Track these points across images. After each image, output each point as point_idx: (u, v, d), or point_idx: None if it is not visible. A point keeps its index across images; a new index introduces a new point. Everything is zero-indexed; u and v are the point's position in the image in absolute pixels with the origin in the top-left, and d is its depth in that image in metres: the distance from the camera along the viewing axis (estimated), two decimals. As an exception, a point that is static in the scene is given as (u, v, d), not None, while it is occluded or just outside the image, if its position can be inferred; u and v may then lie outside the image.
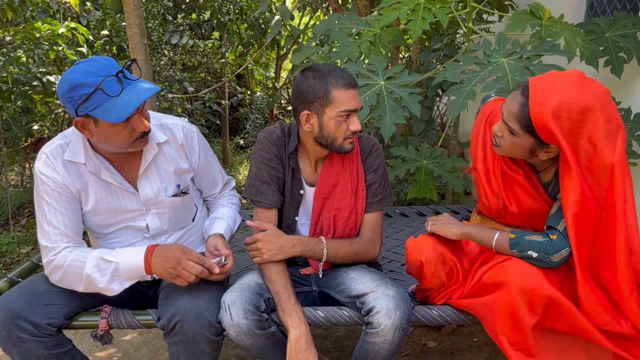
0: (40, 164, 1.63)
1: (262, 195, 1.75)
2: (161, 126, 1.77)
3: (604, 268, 1.48)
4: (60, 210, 1.62)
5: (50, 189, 1.61)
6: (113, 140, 1.57)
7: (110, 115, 1.49)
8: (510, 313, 1.46)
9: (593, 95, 1.37)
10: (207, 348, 1.57)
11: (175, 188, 1.79)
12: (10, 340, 1.54)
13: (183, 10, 5.54)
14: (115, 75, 1.50)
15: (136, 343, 2.50)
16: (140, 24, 2.85)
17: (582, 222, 1.43)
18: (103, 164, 1.66)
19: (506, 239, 1.55)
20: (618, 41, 2.44)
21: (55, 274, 1.61)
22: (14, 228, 4.07)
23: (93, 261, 1.58)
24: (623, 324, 1.45)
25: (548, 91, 1.38)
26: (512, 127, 1.46)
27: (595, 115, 1.36)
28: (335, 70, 1.62)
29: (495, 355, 2.32)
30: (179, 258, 1.56)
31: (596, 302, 1.45)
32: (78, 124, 1.55)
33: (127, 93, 1.51)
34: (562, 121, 1.36)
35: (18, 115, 4.09)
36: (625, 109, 2.39)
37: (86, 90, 1.47)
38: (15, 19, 3.89)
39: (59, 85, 1.51)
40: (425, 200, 3.21)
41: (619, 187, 1.39)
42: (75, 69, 1.50)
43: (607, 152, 1.38)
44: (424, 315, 1.69)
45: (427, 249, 1.65)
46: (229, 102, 5.91)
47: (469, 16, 2.58)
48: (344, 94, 1.60)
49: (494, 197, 1.66)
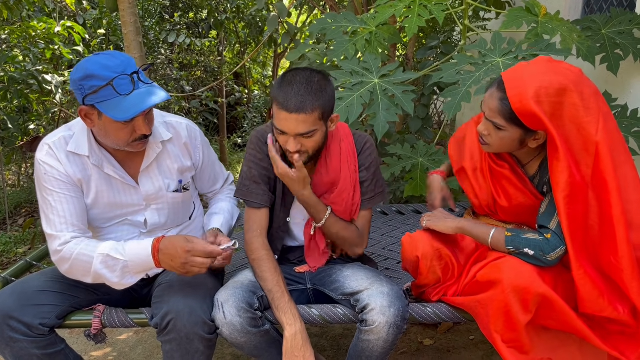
0: (43, 154, 1.62)
1: (252, 195, 1.74)
2: (165, 124, 1.77)
3: (603, 250, 1.47)
4: (66, 198, 1.61)
5: (54, 178, 1.61)
6: (112, 136, 1.58)
7: (115, 112, 1.50)
8: (504, 311, 1.45)
9: (564, 77, 1.41)
10: (201, 346, 1.57)
11: (177, 184, 1.80)
12: (2, 341, 1.53)
13: (180, 9, 5.53)
14: (130, 75, 1.52)
15: (132, 342, 2.49)
16: (136, 22, 2.85)
17: (573, 204, 1.44)
18: (106, 158, 1.67)
19: (502, 236, 1.55)
20: (614, 38, 2.44)
21: (63, 265, 1.60)
22: (11, 228, 4.06)
23: (100, 257, 1.56)
24: (620, 310, 1.44)
25: (522, 80, 1.42)
26: (497, 123, 1.48)
27: (572, 96, 1.40)
28: (293, 86, 1.53)
29: (491, 353, 2.32)
30: (185, 258, 1.52)
31: (592, 287, 1.44)
32: (82, 111, 1.56)
33: (137, 95, 1.52)
34: (544, 105, 1.40)
35: (14, 115, 4.08)
36: (621, 106, 2.38)
37: (98, 82, 1.49)
38: (11, 17, 3.87)
39: (74, 70, 1.53)
40: (421, 198, 3.20)
41: (607, 163, 1.41)
42: (93, 59, 1.52)
43: (590, 130, 1.42)
44: (418, 312, 1.69)
45: (423, 245, 1.65)
46: (226, 101, 5.90)
47: (465, 13, 2.58)
48: (283, 114, 1.54)
49: (483, 193, 1.68)
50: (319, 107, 1.55)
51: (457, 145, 1.76)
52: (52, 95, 3.76)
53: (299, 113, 1.52)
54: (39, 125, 4.20)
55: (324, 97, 1.56)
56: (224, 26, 5.44)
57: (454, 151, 1.76)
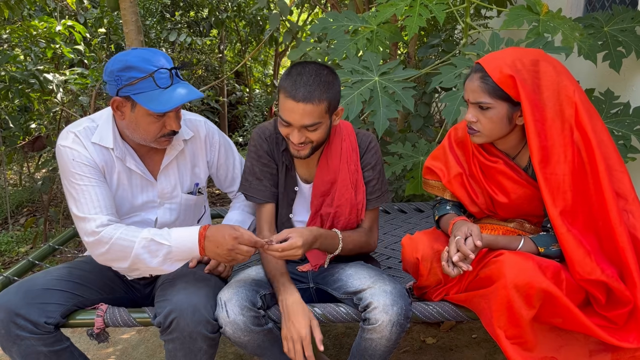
0: (69, 142, 1.62)
1: (254, 190, 1.77)
2: (185, 121, 1.79)
3: (595, 211, 1.51)
4: (97, 183, 1.62)
5: (83, 163, 1.61)
6: (143, 129, 1.61)
7: (153, 104, 1.54)
8: (507, 306, 1.45)
9: (532, 52, 1.55)
10: (204, 345, 1.57)
11: (194, 186, 1.82)
12: (9, 339, 1.53)
13: (181, 8, 5.53)
14: (170, 69, 1.57)
15: (134, 341, 2.50)
16: (137, 21, 2.85)
17: (547, 167, 1.51)
18: (129, 152, 1.69)
19: (532, 244, 1.57)
20: (617, 35, 2.43)
21: (99, 247, 1.58)
22: (13, 227, 4.06)
23: (143, 242, 1.55)
24: (608, 272, 1.47)
25: (497, 58, 1.52)
26: (483, 102, 1.52)
27: (544, 65, 1.51)
28: (301, 77, 1.54)
29: (494, 351, 2.32)
30: (232, 245, 1.53)
31: (576, 245, 1.47)
32: (115, 103, 1.58)
33: (174, 89, 1.57)
34: (522, 73, 1.49)
35: (16, 114, 4.08)
36: (624, 103, 2.38)
37: (137, 74, 1.53)
38: (12, 17, 3.87)
39: (111, 62, 1.56)
40: (423, 197, 3.20)
41: (586, 122, 1.50)
42: (133, 52, 1.56)
43: (568, 92, 1.51)
44: (421, 311, 1.68)
45: (423, 246, 1.65)
46: (227, 100, 5.90)
47: (466, 11, 2.57)
48: (289, 103, 1.54)
49: (479, 196, 1.68)
50: (326, 100, 1.56)
51: (439, 161, 1.76)
52: (53, 94, 3.75)
53: (306, 103, 1.53)
54: (40, 124, 4.20)
55: (331, 90, 1.58)
56: (225, 25, 5.44)
57: (439, 166, 1.75)
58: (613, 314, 1.48)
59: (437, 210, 1.77)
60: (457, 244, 1.49)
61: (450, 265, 1.50)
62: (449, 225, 1.63)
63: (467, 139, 1.69)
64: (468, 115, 1.57)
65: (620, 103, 2.38)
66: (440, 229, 1.76)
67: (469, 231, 1.52)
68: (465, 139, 1.70)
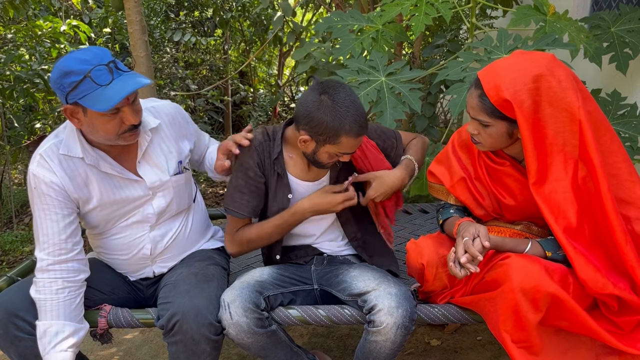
0: (34, 166, 1.59)
1: (235, 204, 1.74)
2: (149, 110, 1.74)
3: (600, 227, 1.49)
4: (51, 216, 1.58)
5: (43, 193, 1.58)
6: (101, 130, 1.54)
7: (98, 104, 1.47)
8: (514, 310, 1.43)
9: (537, 64, 1.45)
10: (207, 347, 1.56)
11: (177, 165, 1.78)
12: (7, 339, 1.53)
13: (185, 8, 5.54)
14: (106, 64, 1.49)
15: (137, 341, 2.49)
16: (141, 21, 2.84)
17: (542, 187, 1.49)
18: (101, 156, 1.64)
19: (539, 247, 1.56)
20: (624, 36, 2.41)
21: (31, 288, 1.59)
22: (17, 226, 4.07)
23: (41, 326, 1.54)
24: (620, 286, 1.45)
25: (497, 75, 1.46)
26: (482, 120, 1.50)
27: (547, 80, 1.43)
28: (350, 112, 1.55)
29: (499, 354, 2.30)
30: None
31: (585, 263, 1.45)
32: (67, 111, 1.53)
33: (117, 83, 1.49)
34: (521, 94, 1.43)
35: (20, 114, 4.09)
36: (630, 105, 2.35)
37: (76, 77, 1.46)
38: (17, 17, 3.88)
39: (52, 71, 1.51)
40: (428, 198, 3.18)
41: (590, 140, 1.44)
42: (68, 56, 1.50)
43: (571, 109, 1.44)
44: (426, 313, 1.67)
45: (428, 251, 1.63)
46: (231, 100, 5.90)
47: (472, 11, 2.56)
48: (353, 141, 1.59)
49: (485, 199, 1.67)
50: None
51: (442, 165, 1.75)
52: (58, 94, 3.76)
53: (362, 135, 1.61)
54: (44, 124, 4.21)
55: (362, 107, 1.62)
56: (229, 25, 5.44)
57: (443, 171, 1.74)
58: (622, 319, 1.47)
59: (441, 214, 1.76)
60: (465, 245, 1.48)
61: (458, 266, 1.49)
62: (453, 227, 1.62)
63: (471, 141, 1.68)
64: (470, 127, 1.56)
65: (627, 104, 2.36)
66: (444, 232, 1.74)
67: (477, 232, 1.50)
68: (470, 142, 1.68)
